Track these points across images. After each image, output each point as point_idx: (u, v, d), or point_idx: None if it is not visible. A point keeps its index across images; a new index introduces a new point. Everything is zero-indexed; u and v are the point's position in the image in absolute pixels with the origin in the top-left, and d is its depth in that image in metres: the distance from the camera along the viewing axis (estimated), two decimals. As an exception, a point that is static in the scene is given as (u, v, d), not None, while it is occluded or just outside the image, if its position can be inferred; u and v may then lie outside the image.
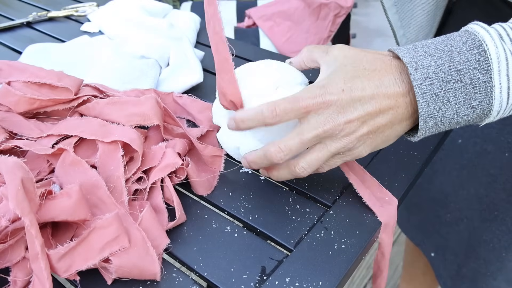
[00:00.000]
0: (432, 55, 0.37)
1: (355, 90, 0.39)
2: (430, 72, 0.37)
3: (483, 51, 0.36)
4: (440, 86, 0.37)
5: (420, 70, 0.37)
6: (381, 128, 0.40)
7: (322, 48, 0.44)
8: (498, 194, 0.65)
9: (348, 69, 0.40)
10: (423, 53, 0.38)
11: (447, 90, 0.37)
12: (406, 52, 0.38)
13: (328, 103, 0.39)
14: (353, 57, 0.41)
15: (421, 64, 0.37)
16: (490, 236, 0.68)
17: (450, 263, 0.76)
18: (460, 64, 0.36)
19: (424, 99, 0.37)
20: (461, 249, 0.73)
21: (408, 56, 0.38)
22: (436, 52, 0.37)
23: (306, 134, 0.40)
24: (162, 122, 0.52)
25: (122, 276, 0.39)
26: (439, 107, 0.37)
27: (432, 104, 0.37)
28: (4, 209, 0.36)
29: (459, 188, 0.70)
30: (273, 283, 0.40)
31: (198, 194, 0.49)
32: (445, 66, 0.37)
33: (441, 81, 0.37)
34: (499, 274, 0.69)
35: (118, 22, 0.78)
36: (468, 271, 0.73)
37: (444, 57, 0.37)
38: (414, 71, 0.37)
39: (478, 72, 0.36)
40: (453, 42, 0.38)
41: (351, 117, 0.39)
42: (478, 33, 0.37)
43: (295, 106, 0.39)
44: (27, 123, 0.51)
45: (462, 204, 0.71)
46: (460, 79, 0.36)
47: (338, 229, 0.45)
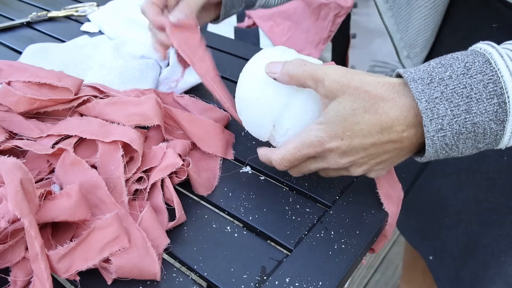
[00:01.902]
0: (449, 101, 0.34)
1: (355, 137, 0.38)
2: (445, 124, 0.35)
3: (503, 102, 0.33)
4: (452, 137, 0.35)
5: (435, 120, 0.35)
6: (390, 160, 0.41)
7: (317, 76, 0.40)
8: (497, 198, 0.65)
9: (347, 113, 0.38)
10: (439, 95, 0.35)
11: (458, 140, 0.36)
12: (422, 90, 0.35)
13: (328, 150, 0.40)
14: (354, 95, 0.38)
15: (437, 112, 0.35)
16: (489, 240, 0.68)
17: (449, 266, 0.76)
18: (477, 116, 0.34)
19: (433, 149, 0.36)
20: (459, 253, 0.73)
21: (424, 98, 0.35)
22: (454, 96, 0.34)
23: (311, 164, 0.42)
24: (162, 122, 0.52)
25: (122, 276, 0.39)
26: (446, 151, 0.37)
27: (440, 151, 0.37)
28: (3, 210, 0.36)
29: (457, 191, 0.70)
30: (273, 283, 0.40)
31: (198, 194, 0.49)
32: (461, 118, 0.34)
33: (455, 133, 0.35)
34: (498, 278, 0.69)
35: (118, 22, 0.78)
36: (466, 275, 0.72)
37: (462, 105, 0.34)
38: (429, 122, 0.35)
39: (493, 123, 0.34)
40: (473, 82, 0.34)
41: (353, 159, 0.40)
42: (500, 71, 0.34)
43: (298, 157, 0.41)
44: (27, 123, 0.51)
45: (460, 207, 0.71)
46: (474, 130, 0.35)
47: (338, 229, 0.45)
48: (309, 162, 0.43)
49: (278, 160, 0.43)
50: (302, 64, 0.41)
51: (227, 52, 0.76)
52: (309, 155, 0.41)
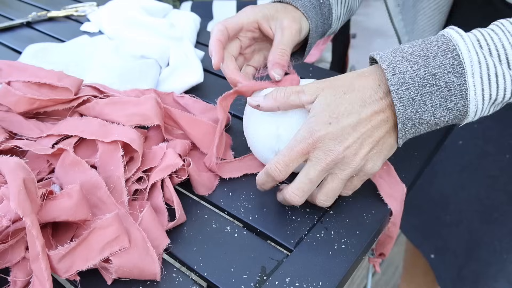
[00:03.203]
0: (408, 60, 0.39)
1: (341, 118, 0.40)
2: (407, 78, 0.38)
3: (457, 55, 0.38)
4: (416, 90, 0.38)
5: (397, 75, 0.38)
6: (381, 140, 0.41)
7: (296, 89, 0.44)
8: (499, 196, 0.65)
9: (329, 101, 0.41)
10: (400, 58, 0.39)
11: (423, 94, 0.38)
12: (385, 58, 0.40)
13: (320, 139, 0.40)
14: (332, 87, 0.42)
15: (398, 69, 0.39)
16: (491, 238, 0.68)
17: (450, 265, 0.76)
18: (435, 68, 0.38)
19: (401, 103, 0.39)
20: (461, 251, 0.73)
21: (386, 61, 0.39)
22: (413, 57, 0.39)
23: (312, 172, 0.41)
24: (162, 122, 0.52)
25: (122, 276, 0.39)
26: (416, 110, 0.39)
27: (409, 108, 0.39)
28: (5, 209, 0.36)
29: (459, 189, 0.70)
30: (273, 283, 0.40)
31: (199, 194, 0.49)
32: (420, 71, 0.38)
33: (417, 85, 0.38)
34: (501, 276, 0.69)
35: (118, 22, 0.78)
36: (469, 273, 0.73)
37: (420, 62, 0.38)
38: (392, 76, 0.39)
39: (452, 76, 0.38)
40: (429, 46, 0.39)
41: (347, 143, 0.40)
42: (453, 37, 0.39)
43: (292, 155, 0.41)
44: (27, 123, 0.51)
45: (462, 205, 0.71)
46: (435, 83, 0.38)
47: (338, 229, 0.45)
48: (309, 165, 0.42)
49: (273, 166, 0.42)
50: (282, 88, 0.44)
51: (227, 52, 0.76)
52: (303, 151, 0.41)
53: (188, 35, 0.77)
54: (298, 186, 0.42)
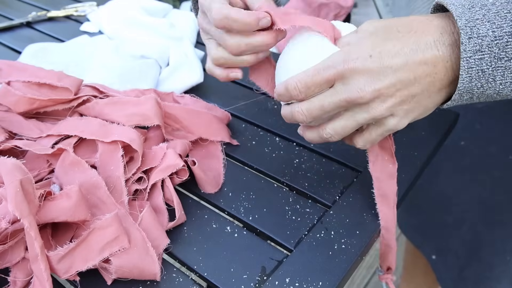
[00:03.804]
0: (491, 22, 0.32)
1: (385, 55, 0.34)
2: (484, 45, 0.32)
3: None
4: (490, 62, 0.32)
5: (474, 40, 0.32)
6: (416, 98, 0.36)
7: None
8: (502, 197, 0.65)
9: (378, 32, 0.35)
10: (481, 17, 0.32)
11: (496, 68, 0.32)
12: (462, 12, 0.33)
13: (352, 70, 0.34)
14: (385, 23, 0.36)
15: (477, 32, 0.32)
16: (493, 239, 0.68)
17: (452, 265, 0.76)
18: None
19: (468, 74, 0.33)
20: (463, 252, 0.73)
21: (464, 17, 0.32)
22: (497, 18, 0.32)
23: (328, 101, 0.36)
24: (162, 122, 0.52)
25: (122, 276, 0.39)
26: (481, 84, 0.33)
27: (475, 81, 0.33)
28: (3, 211, 0.36)
29: (461, 190, 0.70)
30: (273, 283, 0.40)
31: (206, 192, 0.49)
32: (503, 40, 0.31)
33: (493, 57, 0.32)
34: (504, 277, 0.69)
35: (118, 22, 0.78)
36: (471, 274, 0.72)
37: (505, 27, 0.31)
38: (467, 40, 0.32)
39: None
40: None
41: (379, 86, 0.34)
42: None
43: (316, 79, 0.36)
44: (27, 123, 0.51)
45: (464, 206, 0.71)
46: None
47: (338, 229, 0.45)
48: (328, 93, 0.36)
49: (294, 83, 0.36)
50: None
51: (227, 52, 0.76)
52: (329, 77, 0.35)
53: (188, 35, 0.77)
54: (308, 107, 0.37)
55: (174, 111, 0.54)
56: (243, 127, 0.59)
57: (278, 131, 0.57)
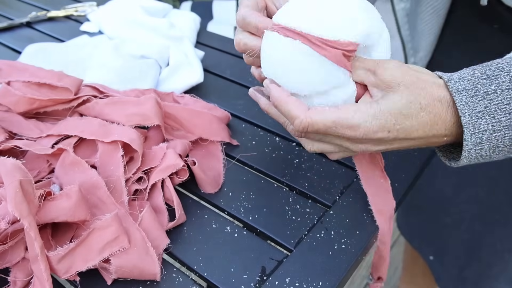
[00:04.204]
0: (491, 116, 0.34)
1: (401, 133, 0.36)
2: (484, 138, 0.35)
3: None
4: (488, 150, 0.35)
5: (475, 135, 0.34)
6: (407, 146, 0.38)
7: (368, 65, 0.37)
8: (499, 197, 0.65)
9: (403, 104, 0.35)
10: (482, 109, 0.34)
11: (493, 152, 0.36)
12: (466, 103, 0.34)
13: (368, 139, 0.36)
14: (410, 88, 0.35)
15: (478, 127, 0.34)
16: (492, 239, 0.68)
17: (451, 266, 0.76)
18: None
19: (468, 159, 0.36)
20: (461, 252, 0.73)
21: (468, 112, 0.34)
22: (497, 112, 0.34)
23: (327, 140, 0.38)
24: (162, 122, 0.52)
25: (122, 276, 0.39)
26: (478, 160, 0.37)
27: (473, 160, 0.37)
28: (3, 211, 0.36)
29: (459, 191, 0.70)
30: (273, 283, 0.40)
31: (206, 192, 0.49)
32: (500, 133, 0.34)
33: (491, 146, 0.35)
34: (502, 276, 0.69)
35: (118, 22, 0.78)
36: (470, 273, 0.73)
37: (503, 121, 0.34)
38: (470, 136, 0.34)
39: None
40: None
41: (381, 148, 0.37)
42: None
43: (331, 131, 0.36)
44: (27, 123, 0.51)
45: (462, 207, 0.71)
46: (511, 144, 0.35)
47: (338, 229, 0.45)
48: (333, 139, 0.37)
49: (306, 123, 0.35)
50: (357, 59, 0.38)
51: (227, 52, 0.76)
52: (343, 136, 0.36)
53: (188, 35, 0.77)
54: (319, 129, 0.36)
55: (174, 111, 0.54)
56: (243, 127, 0.59)
57: (278, 131, 0.57)
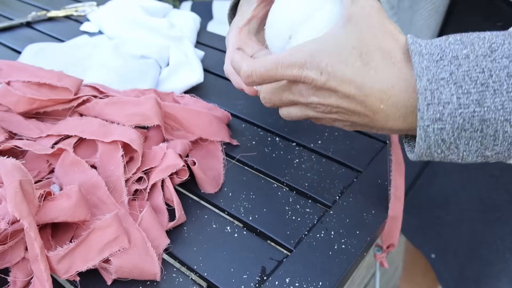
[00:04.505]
0: (457, 85, 0.27)
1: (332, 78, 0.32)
2: (446, 114, 0.28)
3: None
4: (452, 133, 0.28)
5: (433, 106, 0.28)
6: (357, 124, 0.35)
7: None
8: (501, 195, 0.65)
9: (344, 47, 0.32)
10: (447, 76, 0.28)
11: (459, 138, 0.29)
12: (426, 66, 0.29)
13: (304, 79, 0.33)
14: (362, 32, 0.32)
15: (438, 97, 0.28)
16: (493, 238, 0.68)
17: (452, 264, 0.76)
18: (490, 111, 0.27)
19: (426, 143, 0.29)
20: (462, 251, 0.73)
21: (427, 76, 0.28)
22: (465, 80, 0.27)
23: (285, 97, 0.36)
24: (162, 122, 0.52)
25: (122, 276, 0.39)
26: (442, 150, 0.30)
27: (434, 148, 0.30)
28: (3, 211, 0.36)
29: (460, 189, 0.70)
30: (273, 283, 0.40)
31: (206, 192, 0.49)
32: (469, 110, 0.27)
33: (456, 127, 0.28)
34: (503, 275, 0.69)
35: (117, 22, 0.78)
36: (471, 272, 0.73)
37: (473, 94, 0.27)
38: (426, 107, 0.28)
39: (508, 126, 0.27)
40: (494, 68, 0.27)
41: (323, 101, 0.34)
42: None
43: (272, 74, 0.34)
44: (26, 123, 0.51)
45: (463, 205, 0.71)
46: (482, 129, 0.28)
47: (338, 229, 0.45)
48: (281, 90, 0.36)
49: (248, 71, 0.35)
50: None
51: (227, 52, 0.76)
52: (284, 77, 0.34)
53: (188, 35, 0.77)
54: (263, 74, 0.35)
55: (174, 111, 0.54)
56: (243, 127, 0.59)
57: (278, 131, 0.57)
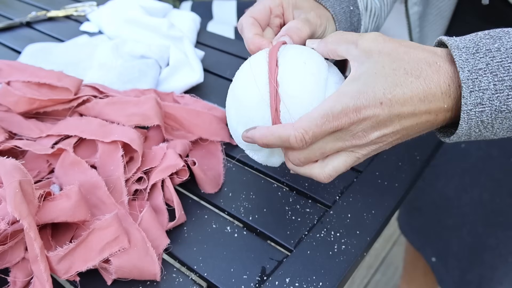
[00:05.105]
0: (493, 74, 0.31)
1: (395, 104, 0.33)
2: (485, 98, 0.32)
3: None
4: (490, 114, 0.32)
5: (475, 93, 0.32)
6: (411, 135, 0.37)
7: (350, 39, 0.36)
8: (503, 199, 0.65)
9: (386, 72, 0.33)
10: (484, 66, 0.32)
11: (495, 118, 0.32)
12: (465, 59, 0.32)
13: (363, 119, 0.33)
14: (392, 55, 0.34)
15: (478, 85, 0.32)
16: (495, 242, 0.68)
17: (453, 268, 0.76)
18: None
19: (468, 124, 0.33)
20: (464, 255, 0.73)
21: (467, 68, 0.32)
22: (500, 70, 0.31)
23: (330, 147, 0.36)
24: (162, 122, 0.52)
25: (122, 276, 0.39)
26: (479, 129, 0.33)
27: (474, 128, 0.33)
28: (3, 212, 0.36)
29: (462, 193, 0.70)
30: (273, 283, 0.40)
31: (206, 192, 0.49)
32: (503, 94, 0.31)
33: (494, 110, 0.32)
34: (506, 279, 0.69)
35: (117, 22, 0.78)
36: (473, 276, 0.72)
37: (507, 80, 0.31)
38: (469, 94, 0.32)
39: None
40: None
41: (385, 132, 0.34)
42: None
43: (326, 128, 0.34)
44: (27, 123, 0.51)
45: (465, 209, 0.71)
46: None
47: (338, 229, 0.45)
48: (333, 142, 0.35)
49: (300, 135, 0.34)
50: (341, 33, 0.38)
51: (227, 52, 0.76)
52: (338, 127, 0.33)
53: (188, 35, 0.77)
54: (308, 156, 0.36)
55: (174, 111, 0.54)
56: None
57: (278, 131, 0.57)
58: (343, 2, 0.48)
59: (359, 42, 0.35)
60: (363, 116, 0.33)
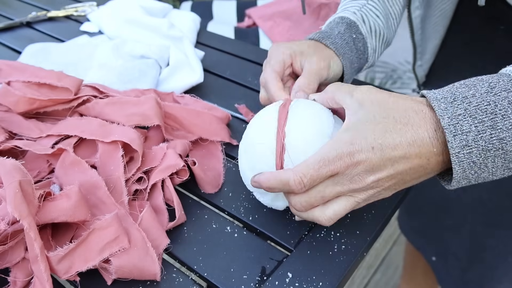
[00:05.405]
0: (472, 117, 0.34)
1: (386, 148, 0.35)
2: (470, 140, 0.34)
3: None
4: (479, 154, 0.34)
5: (458, 136, 0.34)
6: (408, 181, 0.38)
7: (347, 89, 0.40)
8: (503, 199, 0.65)
9: (377, 120, 0.36)
10: (462, 112, 0.34)
11: (486, 158, 0.34)
12: (444, 108, 0.34)
13: (357, 163, 0.36)
14: (382, 105, 0.37)
15: (460, 128, 0.34)
16: (495, 241, 0.68)
17: (453, 267, 0.76)
18: (503, 131, 0.33)
19: (461, 167, 0.35)
20: (464, 254, 0.73)
21: (447, 115, 0.34)
22: (477, 112, 0.34)
23: (329, 191, 0.38)
24: (162, 122, 0.52)
25: (122, 276, 0.39)
26: (475, 171, 0.35)
27: (468, 170, 0.35)
28: (3, 212, 0.36)
29: (461, 192, 0.70)
30: (273, 283, 0.40)
31: (206, 192, 0.49)
32: (486, 134, 0.33)
33: (481, 149, 0.34)
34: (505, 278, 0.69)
35: (118, 22, 0.78)
36: (473, 276, 0.72)
37: (486, 121, 0.33)
38: (453, 138, 0.34)
39: None
40: (497, 99, 0.34)
41: (380, 176, 0.36)
42: None
43: (323, 172, 0.36)
44: (27, 123, 0.51)
45: (465, 209, 0.71)
46: (502, 147, 0.34)
47: (339, 229, 0.45)
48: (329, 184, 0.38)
49: (298, 178, 0.37)
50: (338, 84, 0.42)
51: (227, 52, 0.76)
52: (334, 171, 0.36)
53: (188, 35, 0.77)
54: (308, 200, 0.38)
55: (174, 111, 0.54)
56: (243, 127, 0.59)
57: (278, 131, 0.57)
58: (344, 34, 0.53)
59: (354, 93, 0.39)
60: (356, 160, 0.36)
